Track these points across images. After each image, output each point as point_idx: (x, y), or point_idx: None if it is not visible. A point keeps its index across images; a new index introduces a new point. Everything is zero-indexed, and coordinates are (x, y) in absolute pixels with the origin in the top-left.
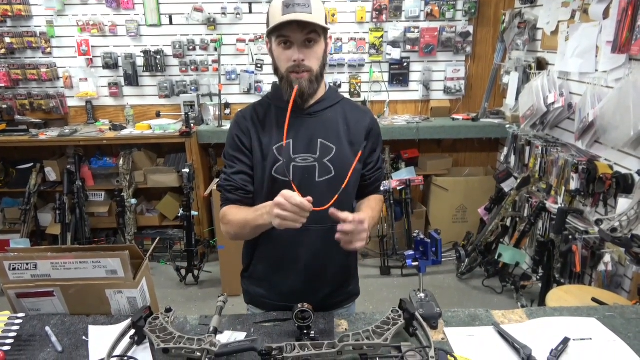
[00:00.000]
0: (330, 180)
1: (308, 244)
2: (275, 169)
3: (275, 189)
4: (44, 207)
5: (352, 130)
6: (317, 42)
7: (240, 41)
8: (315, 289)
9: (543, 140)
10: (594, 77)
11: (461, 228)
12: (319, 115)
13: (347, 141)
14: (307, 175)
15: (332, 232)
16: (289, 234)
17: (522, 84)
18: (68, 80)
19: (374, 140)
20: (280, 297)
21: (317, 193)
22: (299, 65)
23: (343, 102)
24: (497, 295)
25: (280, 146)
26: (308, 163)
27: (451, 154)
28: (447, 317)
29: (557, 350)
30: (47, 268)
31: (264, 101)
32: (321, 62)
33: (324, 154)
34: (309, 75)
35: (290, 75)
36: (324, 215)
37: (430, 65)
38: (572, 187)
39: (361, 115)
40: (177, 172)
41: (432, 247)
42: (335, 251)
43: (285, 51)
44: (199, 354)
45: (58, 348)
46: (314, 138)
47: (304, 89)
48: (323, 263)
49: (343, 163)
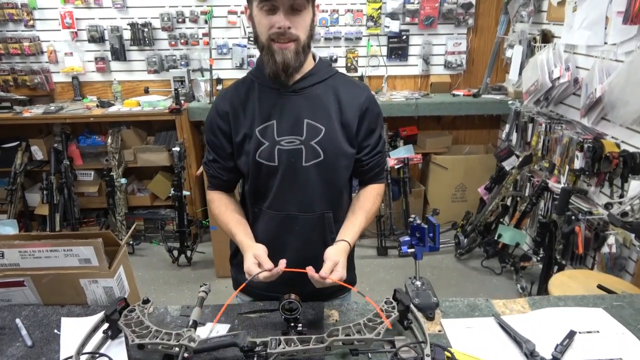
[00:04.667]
0: (318, 164)
1: (298, 232)
2: (259, 153)
3: (261, 174)
4: (32, 187)
5: (344, 108)
6: (306, 8)
7: (232, 13)
8: (307, 278)
9: (547, 117)
10: (603, 50)
11: (460, 207)
12: (306, 92)
13: (338, 121)
14: (293, 159)
15: (322, 219)
16: (277, 222)
17: (526, 58)
18: (52, 54)
19: (370, 120)
20: (270, 286)
21: (305, 178)
22: (284, 33)
23: (335, 77)
24: (496, 276)
25: (263, 128)
26: (294, 146)
27: (451, 131)
28: (445, 307)
29: (562, 345)
30: (15, 257)
31: (247, 78)
32: (308, 33)
33: (311, 136)
34: (295, 46)
35: (273, 44)
36: (312, 203)
37: (431, 38)
38: (576, 166)
39: (356, 92)
40: (168, 150)
41: (429, 232)
42: (326, 239)
43: (268, 16)
44: (177, 349)
45: (28, 342)
46: (300, 118)
47: (289, 62)
48: (314, 252)
49: (333, 145)
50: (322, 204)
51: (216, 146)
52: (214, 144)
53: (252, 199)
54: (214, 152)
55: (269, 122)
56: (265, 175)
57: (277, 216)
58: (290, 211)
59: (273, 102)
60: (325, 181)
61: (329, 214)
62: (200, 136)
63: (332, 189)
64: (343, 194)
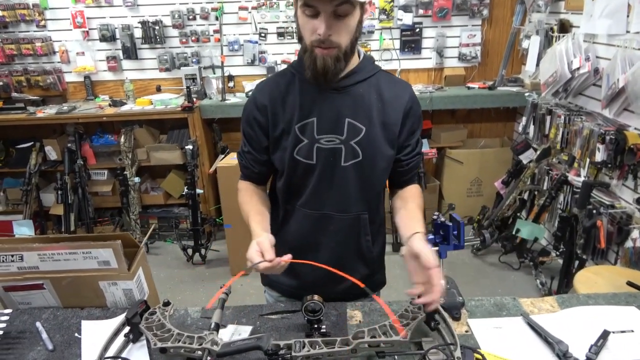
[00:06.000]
0: (356, 164)
1: (332, 232)
2: (297, 150)
3: (298, 172)
4: (47, 187)
5: (387, 108)
6: (350, 13)
7: (243, 9)
8: (338, 279)
9: (565, 108)
10: (625, 38)
11: (476, 202)
12: (349, 90)
13: (379, 121)
14: (332, 158)
15: (357, 220)
16: (312, 221)
17: (544, 48)
18: (64, 54)
19: (413, 121)
20: (302, 285)
21: (343, 178)
22: (324, 41)
23: (379, 74)
24: (515, 272)
25: (303, 125)
26: (333, 145)
27: (466, 125)
28: (471, 307)
29: (596, 346)
30: (34, 259)
31: (287, 71)
32: (353, 36)
33: (351, 136)
34: (337, 52)
35: (315, 50)
36: (348, 204)
37: (444, 30)
38: (597, 159)
39: (399, 91)
40: (181, 148)
41: (453, 230)
42: (360, 240)
43: (310, 20)
44: (199, 353)
45: (49, 346)
46: (341, 117)
47: (328, 68)
48: (347, 252)
49: (373, 146)
50: (358, 204)
51: (252, 138)
52: (249, 136)
53: (285, 196)
54: (249, 144)
55: (308, 120)
56: (301, 173)
57: (311, 215)
58: (325, 211)
59: (314, 99)
60: (363, 182)
61: (364, 215)
62: (213, 134)
63: (370, 190)
64: (380, 197)
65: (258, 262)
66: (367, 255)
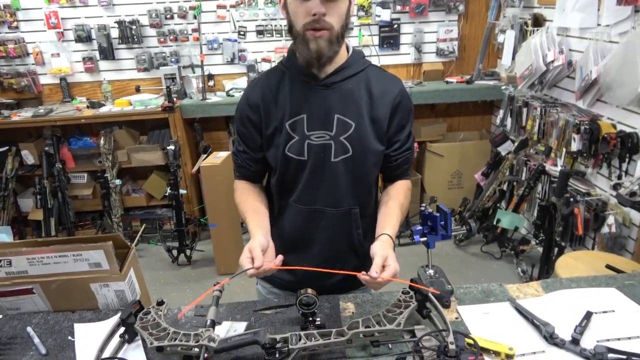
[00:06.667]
0: (346, 160)
1: (324, 226)
2: (288, 147)
3: (290, 168)
4: (24, 192)
5: (376, 103)
6: None
7: (221, 7)
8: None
9: (541, 100)
10: (597, 31)
11: (457, 194)
12: (338, 86)
13: (368, 117)
14: (322, 154)
15: (348, 215)
16: (304, 216)
17: (519, 42)
18: (39, 56)
19: (402, 116)
20: (294, 278)
21: (333, 173)
22: (318, 21)
23: (368, 69)
24: (497, 261)
25: (293, 122)
26: (324, 141)
27: (445, 119)
28: (460, 294)
29: (581, 326)
30: (23, 264)
31: (277, 68)
32: (343, 22)
33: (341, 131)
34: (329, 35)
35: (307, 33)
36: (340, 198)
37: (422, 26)
38: (573, 149)
39: (389, 85)
40: (162, 149)
41: (440, 220)
42: (352, 234)
43: (303, 3)
44: (197, 350)
45: (42, 350)
46: (331, 113)
47: (322, 50)
48: (340, 247)
49: (362, 142)
50: (349, 199)
51: (246, 137)
52: (244, 135)
53: (279, 192)
54: (244, 143)
55: (299, 116)
56: (293, 169)
57: (304, 210)
58: (317, 206)
59: (304, 96)
60: (353, 177)
61: (355, 209)
62: (194, 134)
63: (360, 184)
64: (371, 191)
65: (245, 270)
66: (359, 249)
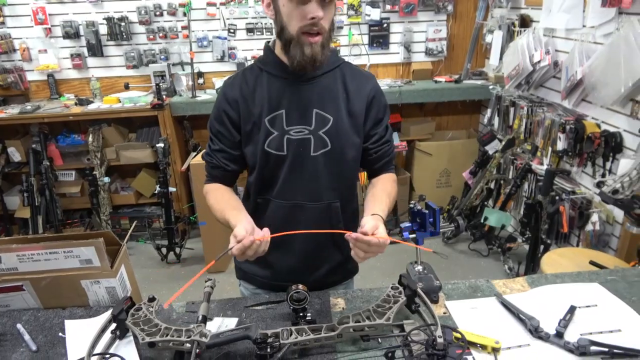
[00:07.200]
0: (326, 154)
1: (304, 221)
2: (267, 142)
3: (270, 164)
4: (10, 189)
5: (352, 98)
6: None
7: (211, 5)
8: (311, 267)
9: (528, 100)
10: (582, 32)
11: (445, 192)
12: (315, 82)
13: (346, 111)
14: (301, 148)
15: (329, 209)
16: (285, 211)
17: (506, 43)
18: (26, 52)
19: (377, 110)
20: (275, 275)
21: (313, 168)
22: (315, 24)
23: (343, 66)
24: (484, 258)
25: (272, 117)
26: (303, 135)
27: (434, 118)
28: (447, 290)
29: (565, 320)
30: (13, 261)
31: (254, 66)
32: (331, 27)
33: (319, 126)
34: (322, 40)
35: (302, 37)
36: (320, 193)
37: (411, 25)
38: (558, 148)
39: (363, 82)
40: (151, 147)
41: (429, 217)
42: (333, 228)
43: (298, 6)
44: (188, 345)
45: (32, 347)
46: (309, 108)
47: (317, 56)
48: (319, 241)
49: (341, 135)
50: (329, 193)
51: (223, 135)
52: (220, 134)
53: (258, 188)
54: (220, 141)
55: (277, 112)
56: (273, 165)
57: (284, 205)
58: (297, 200)
59: (282, 91)
60: (333, 171)
61: (335, 203)
62: (184, 131)
63: (340, 178)
64: (351, 186)
65: (230, 248)
66: (340, 243)
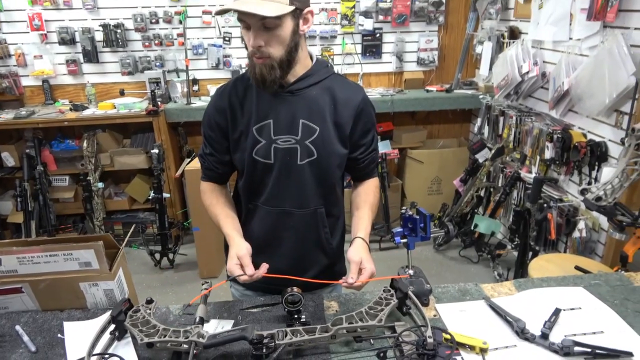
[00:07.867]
0: (312, 162)
1: (292, 227)
2: (255, 150)
3: (257, 171)
4: (3, 194)
5: (339, 109)
6: (279, 25)
7: (207, 13)
8: (300, 270)
9: (517, 110)
10: (568, 45)
11: (436, 200)
12: (302, 93)
13: (332, 122)
14: (288, 157)
15: (315, 214)
16: (273, 217)
17: (495, 53)
18: (21, 57)
19: (365, 121)
20: (265, 278)
21: (300, 176)
22: (257, 50)
23: (332, 78)
24: (474, 265)
25: (260, 127)
26: (289, 145)
27: (425, 126)
28: (438, 293)
29: (550, 322)
30: (13, 263)
31: (245, 76)
32: (288, 47)
33: (306, 136)
34: (270, 62)
35: (253, 58)
36: (306, 199)
37: (403, 35)
38: (546, 156)
39: (351, 94)
40: (146, 152)
41: (420, 223)
42: (319, 233)
43: (247, 32)
44: (186, 346)
45: (31, 348)
46: (296, 118)
47: (264, 76)
48: (307, 245)
49: (326, 145)
50: (315, 200)
51: (213, 140)
52: (211, 138)
53: (247, 194)
54: (211, 146)
55: (265, 121)
56: (260, 172)
57: (272, 212)
58: (285, 207)
59: (270, 102)
60: (318, 178)
61: (321, 209)
62: (178, 138)
63: (325, 185)
64: (335, 191)
65: (239, 275)
66: (326, 246)
